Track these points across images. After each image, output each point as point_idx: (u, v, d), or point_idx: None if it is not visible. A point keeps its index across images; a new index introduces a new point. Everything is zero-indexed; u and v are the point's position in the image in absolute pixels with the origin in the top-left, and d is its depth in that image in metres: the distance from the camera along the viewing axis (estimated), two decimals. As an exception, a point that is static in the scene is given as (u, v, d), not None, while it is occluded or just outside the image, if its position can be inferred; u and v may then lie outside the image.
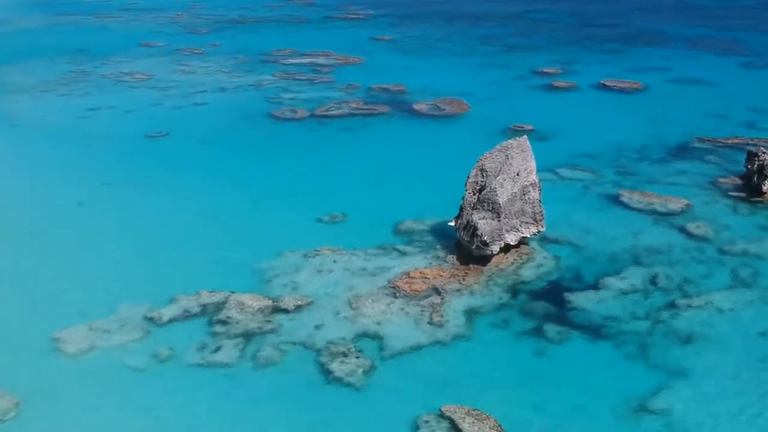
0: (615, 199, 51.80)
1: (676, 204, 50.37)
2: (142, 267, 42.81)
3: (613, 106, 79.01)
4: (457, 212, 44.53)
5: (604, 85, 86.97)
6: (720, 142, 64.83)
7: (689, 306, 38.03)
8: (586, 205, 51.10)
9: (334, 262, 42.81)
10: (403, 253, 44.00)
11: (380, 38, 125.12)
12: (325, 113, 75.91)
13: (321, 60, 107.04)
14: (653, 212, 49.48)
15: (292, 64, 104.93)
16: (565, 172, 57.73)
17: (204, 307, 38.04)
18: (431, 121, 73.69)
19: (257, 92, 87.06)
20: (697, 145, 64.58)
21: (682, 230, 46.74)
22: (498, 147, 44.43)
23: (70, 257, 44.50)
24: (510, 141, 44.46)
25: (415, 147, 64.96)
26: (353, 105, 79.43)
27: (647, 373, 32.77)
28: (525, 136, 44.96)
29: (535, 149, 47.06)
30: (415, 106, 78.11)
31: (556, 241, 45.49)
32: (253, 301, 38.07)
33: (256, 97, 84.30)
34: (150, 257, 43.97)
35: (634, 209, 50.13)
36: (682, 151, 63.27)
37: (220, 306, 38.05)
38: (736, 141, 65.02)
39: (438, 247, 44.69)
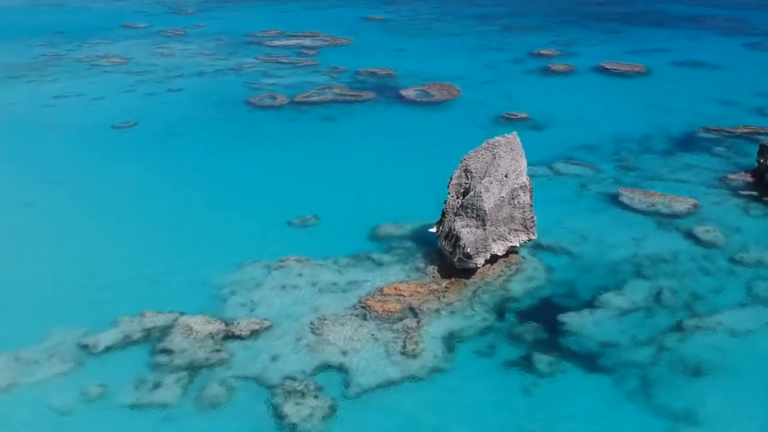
0: (615, 199, 47.21)
1: (681, 204, 45.78)
2: (83, 281, 38.31)
3: (613, 92, 74.30)
4: (440, 215, 39.93)
5: (604, 68, 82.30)
6: (728, 131, 60.18)
7: (698, 328, 33.50)
8: (583, 206, 46.51)
9: (300, 275, 38.22)
10: (379, 264, 39.45)
11: (371, 18, 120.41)
12: (305, 100, 71.25)
13: (307, 41, 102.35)
14: (657, 214, 44.91)
15: (276, 45, 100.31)
16: (560, 166, 53.08)
17: (147, 332, 33.54)
18: (419, 108, 68.97)
19: (237, 77, 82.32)
20: (703, 135, 59.96)
21: (689, 235, 42.21)
22: (484, 145, 39.72)
23: (2, 269, 39.71)
24: (497, 138, 39.70)
25: (399, 139, 60.28)
26: (337, 91, 74.70)
27: (650, 416, 28.30)
28: (514, 133, 40.20)
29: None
30: (403, 92, 73.37)
31: (549, 249, 40.98)
32: (202, 325, 33.55)
33: (234, 83, 79.57)
34: (94, 270, 39.45)
35: (636, 210, 45.60)
36: (687, 142, 58.60)
37: (165, 330, 33.57)
38: (745, 130, 60.45)
39: (418, 255, 40.16)
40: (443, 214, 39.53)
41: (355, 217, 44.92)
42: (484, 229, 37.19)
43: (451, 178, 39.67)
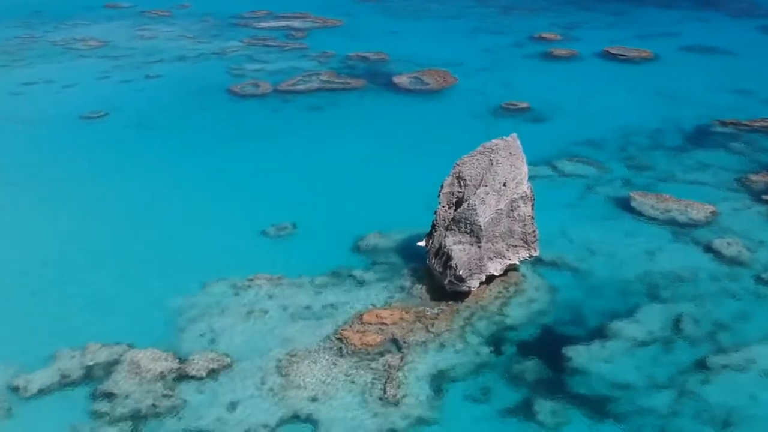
0: (625, 204, 42.68)
1: (698, 211, 41.20)
2: (23, 306, 33.71)
3: (619, 80, 69.49)
4: (430, 226, 35.39)
5: (609, 53, 77.30)
6: (745, 125, 55.49)
7: (725, 367, 29.04)
8: (589, 213, 42.01)
9: (271, 297, 33.73)
10: (360, 282, 34.98)
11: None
12: (291, 88, 66.37)
13: (296, 23, 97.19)
14: (672, 222, 40.36)
15: (264, 27, 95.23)
16: (564, 165, 48.50)
17: (88, 371, 29.01)
18: (411, 97, 64.18)
19: (219, 62, 77.31)
20: (719, 129, 55.30)
21: (709, 249, 37.72)
22: (480, 149, 35.03)
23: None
24: (495, 141, 34.99)
25: (389, 133, 55.63)
26: (325, 77, 69.82)
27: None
28: (514, 135, 35.48)
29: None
30: (395, 79, 68.50)
31: (552, 264, 36.49)
32: (153, 362, 29.04)
33: (217, 68, 74.62)
34: (37, 291, 34.90)
35: (649, 218, 41.07)
36: (701, 136, 53.97)
37: (109, 368, 29.07)
38: (764, 124, 55.86)
39: (404, 272, 35.66)
40: (433, 226, 34.91)
41: (337, 225, 40.57)
42: (479, 247, 32.62)
43: (442, 186, 35.06)
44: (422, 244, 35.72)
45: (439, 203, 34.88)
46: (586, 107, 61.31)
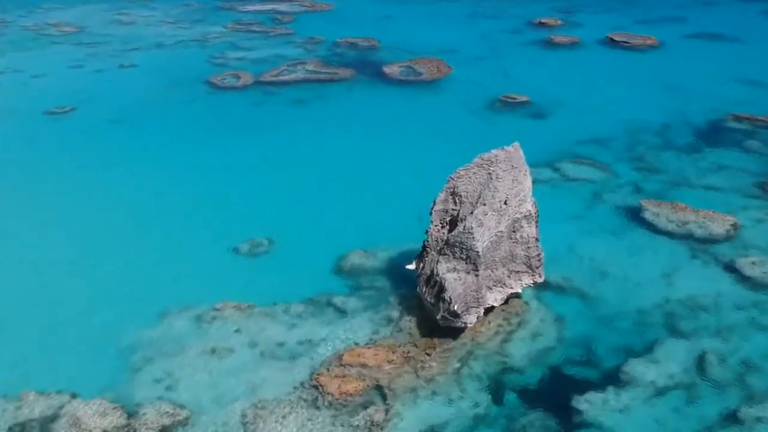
0: (636, 215, 38.69)
1: (718, 224, 37.23)
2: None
3: (624, 70, 65.41)
4: (421, 245, 31.33)
5: (612, 40, 73.16)
6: (761, 120, 51.66)
7: (759, 420, 24.93)
8: (597, 225, 38.04)
9: (238, 331, 29.65)
10: (342, 312, 30.96)
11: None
12: (274, 79, 62.16)
13: (283, 6, 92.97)
14: (689, 237, 36.36)
15: (249, 11, 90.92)
16: (568, 167, 44.48)
17: (21, 429, 24.62)
18: (403, 89, 60.03)
19: (200, 50, 73.05)
20: (733, 124, 51.35)
21: (731, 269, 33.77)
22: (477, 161, 30.84)
23: None
24: (495, 152, 30.80)
25: (377, 130, 51.67)
26: (311, 67, 65.59)
27: None
28: (516, 144, 31.28)
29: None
30: (386, 69, 64.27)
31: (558, 289, 32.52)
32: (96, 417, 25.06)
33: (196, 57, 70.38)
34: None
35: (664, 232, 37.04)
36: (714, 133, 50.03)
37: (45, 425, 24.77)
38: (782, 119, 51.64)
39: (392, 300, 31.67)
40: (424, 248, 30.74)
41: (318, 241, 36.58)
42: (477, 275, 28.51)
43: (434, 203, 30.92)
44: (412, 267, 31.62)
45: (432, 222, 30.70)
46: (590, 100, 57.35)
